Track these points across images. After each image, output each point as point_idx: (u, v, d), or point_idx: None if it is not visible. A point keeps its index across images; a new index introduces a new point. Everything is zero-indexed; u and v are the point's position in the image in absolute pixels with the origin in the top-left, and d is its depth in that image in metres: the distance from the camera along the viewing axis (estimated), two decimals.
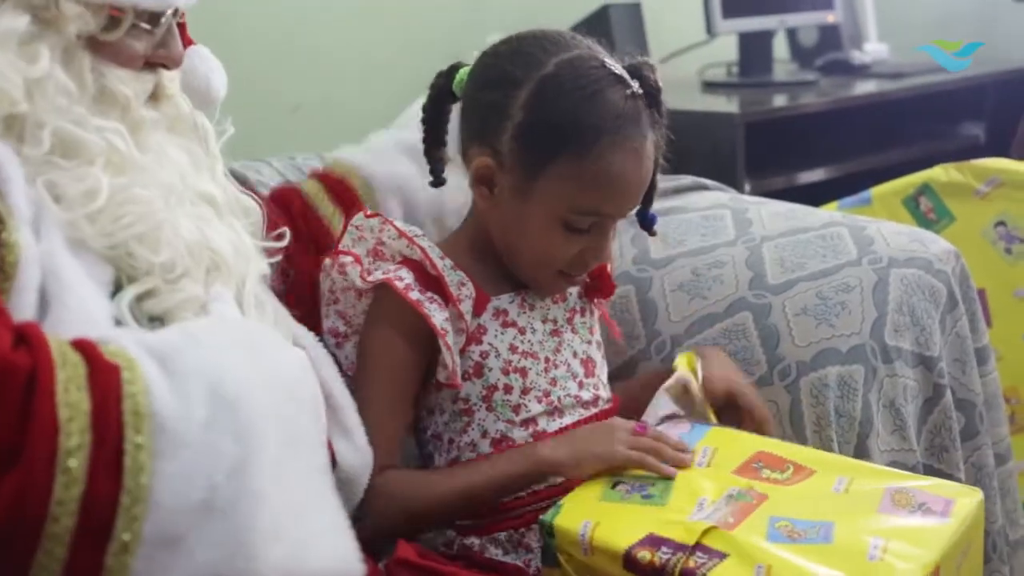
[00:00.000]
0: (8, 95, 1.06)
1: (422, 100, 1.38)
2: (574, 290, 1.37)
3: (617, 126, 1.20)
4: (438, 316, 1.25)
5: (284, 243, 1.32)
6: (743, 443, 1.24)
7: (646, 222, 1.37)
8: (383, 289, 1.27)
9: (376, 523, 1.21)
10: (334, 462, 1.25)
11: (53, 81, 1.09)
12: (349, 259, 1.30)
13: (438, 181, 1.40)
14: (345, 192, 1.56)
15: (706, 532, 1.06)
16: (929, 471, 1.49)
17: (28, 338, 0.91)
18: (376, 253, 1.32)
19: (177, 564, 0.89)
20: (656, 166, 1.28)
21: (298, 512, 0.95)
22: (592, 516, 1.12)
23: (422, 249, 1.28)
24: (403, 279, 1.26)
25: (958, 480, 1.50)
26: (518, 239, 1.28)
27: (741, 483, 1.16)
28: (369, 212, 1.32)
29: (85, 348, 0.93)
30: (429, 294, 1.26)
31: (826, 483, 1.16)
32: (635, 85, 1.22)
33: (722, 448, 1.22)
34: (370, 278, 1.28)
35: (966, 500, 1.13)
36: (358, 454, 1.24)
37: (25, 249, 1.02)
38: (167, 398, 0.91)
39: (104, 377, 0.91)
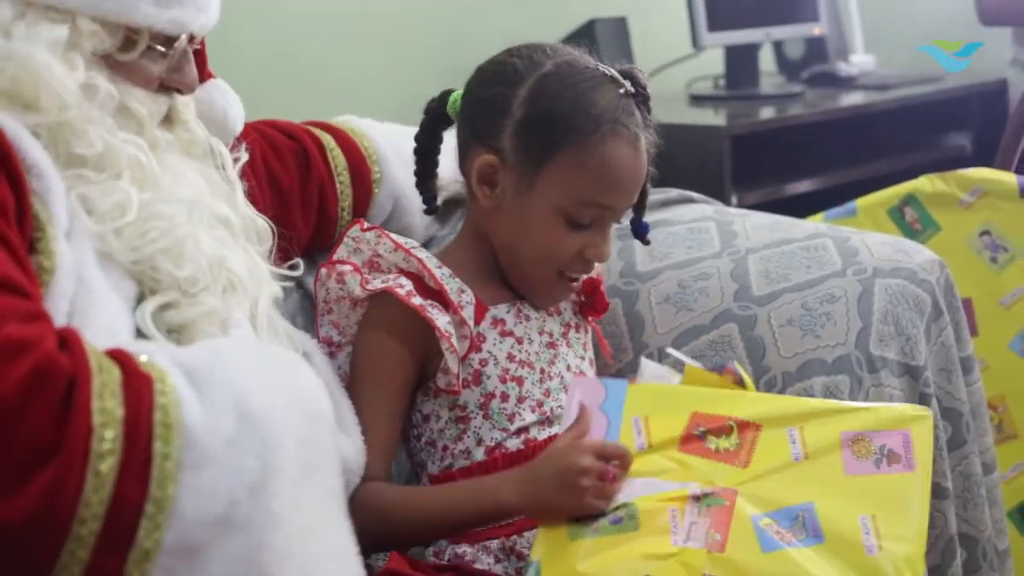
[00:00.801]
0: (61, 99, 1.08)
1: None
2: (569, 306, 1.38)
3: (615, 117, 1.25)
4: (441, 320, 1.25)
5: (298, 272, 1.34)
6: (671, 404, 1.19)
7: (639, 231, 1.40)
8: (382, 297, 1.28)
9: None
10: None
11: (91, 90, 1.12)
12: (348, 268, 1.30)
13: (431, 209, 1.43)
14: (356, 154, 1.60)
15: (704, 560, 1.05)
16: None
17: (69, 343, 0.94)
18: (372, 265, 1.32)
19: None
20: (648, 170, 1.31)
21: (311, 534, 0.96)
22: (575, 569, 1.08)
23: (419, 260, 1.29)
24: (404, 286, 1.27)
25: (945, 489, 1.50)
26: (520, 237, 1.29)
27: (696, 473, 1.13)
28: (366, 225, 1.33)
29: (120, 357, 0.95)
30: (430, 301, 1.27)
31: (780, 446, 1.13)
32: (627, 84, 1.27)
33: (653, 415, 1.17)
34: (369, 286, 1.28)
35: (920, 427, 1.13)
36: (357, 451, 1.26)
37: (62, 258, 1.04)
38: (196, 412, 0.93)
39: (137, 386, 0.93)
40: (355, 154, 1.59)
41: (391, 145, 1.62)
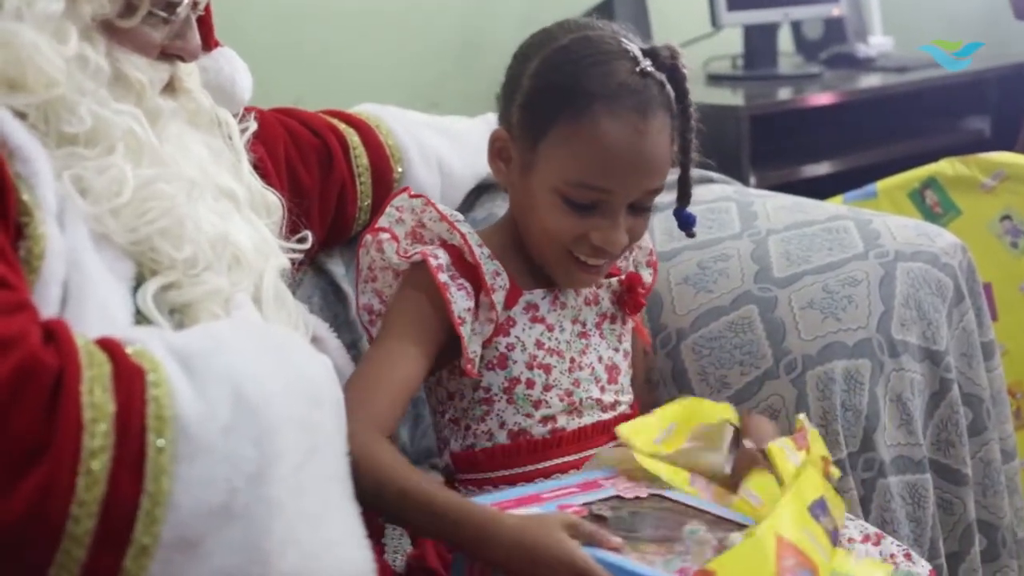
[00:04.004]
0: (48, 76, 1.06)
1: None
2: (607, 295, 1.33)
3: (615, 95, 1.18)
4: (460, 304, 1.23)
5: (307, 245, 1.31)
6: None
7: (682, 221, 1.34)
8: (419, 264, 1.25)
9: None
10: None
11: (82, 61, 1.09)
12: (386, 236, 1.28)
13: None
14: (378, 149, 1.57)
15: None
16: (935, 465, 1.48)
17: (56, 336, 0.91)
18: (415, 235, 1.30)
19: (194, 568, 0.89)
20: (687, 155, 1.25)
21: (314, 520, 0.94)
22: None
23: (462, 235, 1.25)
24: (438, 258, 1.24)
25: (965, 475, 1.49)
26: (527, 214, 1.26)
27: None
28: (413, 192, 1.30)
29: (111, 348, 0.93)
30: (460, 280, 1.24)
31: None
32: (647, 63, 1.20)
33: None
34: (407, 256, 1.26)
35: None
36: None
37: (51, 242, 1.02)
38: (190, 402, 0.90)
39: (129, 379, 0.90)
40: (379, 153, 1.57)
41: (415, 141, 1.60)
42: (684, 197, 1.32)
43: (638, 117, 1.19)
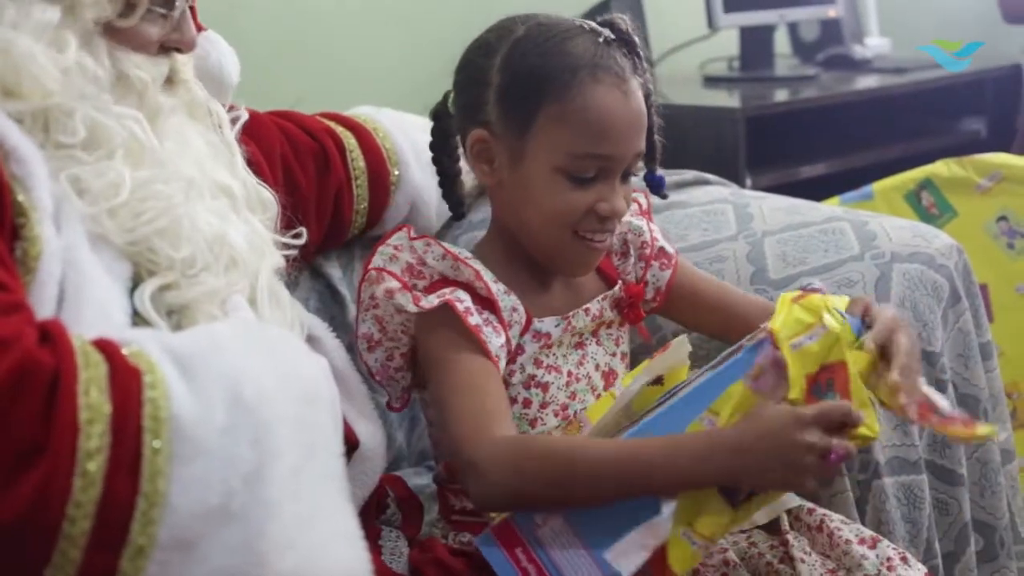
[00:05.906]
0: (43, 86, 1.06)
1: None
2: (607, 303, 1.32)
3: (593, 63, 1.20)
4: (494, 343, 1.21)
5: (301, 241, 1.31)
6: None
7: (654, 183, 1.35)
8: (440, 311, 1.21)
9: (490, 492, 1.12)
10: (355, 444, 1.26)
11: (81, 69, 1.09)
12: (396, 285, 1.24)
13: (458, 215, 1.39)
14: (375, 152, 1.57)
15: None
16: (931, 466, 1.48)
17: (52, 336, 0.91)
18: (411, 271, 1.26)
19: (191, 570, 0.89)
20: (651, 117, 1.26)
21: (311, 520, 0.94)
22: None
23: (476, 272, 1.24)
24: (462, 301, 1.21)
25: (960, 476, 1.50)
26: (525, 207, 1.24)
27: None
28: (414, 234, 1.27)
29: (107, 349, 0.93)
30: (485, 315, 1.22)
31: None
32: (606, 31, 1.23)
33: None
34: (424, 303, 1.21)
35: None
36: (376, 434, 1.26)
37: (47, 243, 1.02)
38: (186, 403, 0.91)
39: (125, 380, 0.90)
40: (375, 157, 1.56)
41: (411, 144, 1.59)
42: (652, 160, 1.32)
43: (619, 80, 1.21)
